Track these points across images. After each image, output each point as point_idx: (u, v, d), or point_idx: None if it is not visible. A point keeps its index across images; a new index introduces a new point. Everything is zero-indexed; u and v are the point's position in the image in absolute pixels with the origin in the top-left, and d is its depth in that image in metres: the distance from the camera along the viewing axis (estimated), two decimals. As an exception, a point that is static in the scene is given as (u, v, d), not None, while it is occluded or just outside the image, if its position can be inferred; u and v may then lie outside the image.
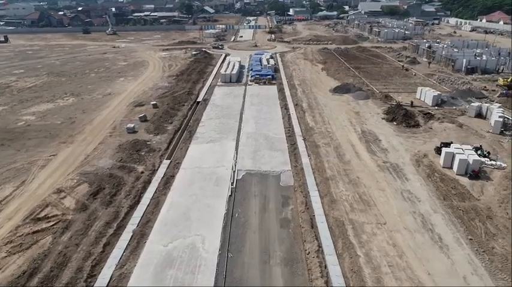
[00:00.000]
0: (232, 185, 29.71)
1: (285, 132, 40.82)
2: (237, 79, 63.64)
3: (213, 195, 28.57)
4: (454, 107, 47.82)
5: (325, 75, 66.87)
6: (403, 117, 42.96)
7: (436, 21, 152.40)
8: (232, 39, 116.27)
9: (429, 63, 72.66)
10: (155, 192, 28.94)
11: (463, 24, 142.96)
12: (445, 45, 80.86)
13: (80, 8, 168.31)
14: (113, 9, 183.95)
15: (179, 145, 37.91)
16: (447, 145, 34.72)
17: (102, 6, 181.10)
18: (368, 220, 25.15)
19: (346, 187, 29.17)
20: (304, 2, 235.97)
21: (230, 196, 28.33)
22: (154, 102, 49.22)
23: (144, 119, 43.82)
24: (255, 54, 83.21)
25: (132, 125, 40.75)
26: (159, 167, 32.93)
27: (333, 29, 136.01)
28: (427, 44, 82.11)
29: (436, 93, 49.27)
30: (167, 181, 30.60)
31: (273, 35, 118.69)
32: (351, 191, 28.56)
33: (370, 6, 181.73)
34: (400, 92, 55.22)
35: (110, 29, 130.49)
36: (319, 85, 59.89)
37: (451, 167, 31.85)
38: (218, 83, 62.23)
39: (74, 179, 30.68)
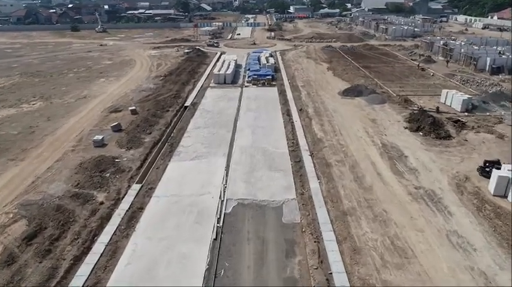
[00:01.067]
0: (218, 223, 22.22)
1: (287, 146, 33.36)
2: (232, 80, 56.17)
3: (191, 238, 21.08)
4: (488, 114, 40.35)
5: (331, 76, 59.39)
6: (430, 126, 35.46)
7: (444, 19, 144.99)
8: (229, 36, 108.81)
9: (447, 62, 65.20)
10: (114, 233, 21.44)
11: (473, 21, 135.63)
12: (462, 43, 73.37)
13: (70, 5, 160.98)
14: (106, 6, 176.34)
15: (156, 163, 30.43)
16: (493, 163, 27.31)
17: (94, 4, 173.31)
18: (409, 282, 17.68)
19: (371, 227, 21.67)
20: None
21: (215, 239, 20.86)
22: (134, 107, 41.70)
23: (117, 129, 36.32)
24: (253, 52, 75.76)
25: (100, 137, 33.24)
26: (125, 194, 25.43)
27: (336, 27, 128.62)
28: (442, 42, 74.63)
29: (466, 97, 41.78)
30: (133, 216, 23.10)
31: (272, 33, 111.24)
32: (379, 234, 21.06)
33: (373, 3, 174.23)
34: (420, 95, 47.75)
35: (99, 27, 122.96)
36: (326, 87, 52.41)
37: (505, 196, 24.41)
38: (211, 85, 54.75)
39: (10, 212, 23.20)
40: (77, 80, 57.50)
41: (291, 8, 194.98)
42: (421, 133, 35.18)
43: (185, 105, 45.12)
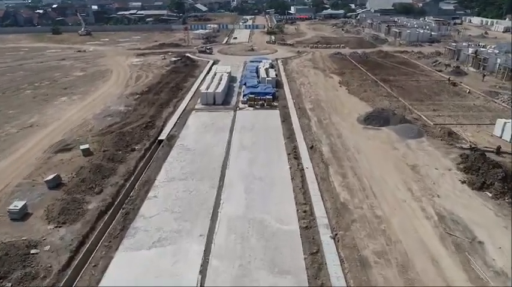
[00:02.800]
0: None
1: (297, 217, 22.59)
2: (223, 99, 45.35)
3: None
4: None
5: (345, 93, 48.56)
6: (502, 183, 24.71)
7: (458, 21, 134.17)
8: (225, 41, 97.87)
9: (483, 75, 54.41)
10: None
11: (489, 24, 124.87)
12: (496, 51, 62.64)
13: (54, 5, 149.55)
14: (95, 6, 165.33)
15: (94, 256, 19.61)
16: None
17: (81, 4, 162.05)
18: None
19: None
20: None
21: None
22: (87, 146, 30.81)
23: (54, 184, 25.53)
24: (251, 61, 64.86)
25: (19, 206, 22.36)
26: None
27: (342, 30, 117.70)
28: (471, 49, 63.87)
29: (536, 132, 31.09)
30: None
31: (273, 37, 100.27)
32: None
33: (380, 4, 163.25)
34: (463, 124, 37.01)
35: (82, 29, 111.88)
36: (341, 110, 41.61)
37: None
38: (197, 106, 43.91)
39: None
40: (32, 100, 46.57)
41: (292, 8, 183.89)
42: (489, 193, 24.42)
43: (159, 139, 34.26)
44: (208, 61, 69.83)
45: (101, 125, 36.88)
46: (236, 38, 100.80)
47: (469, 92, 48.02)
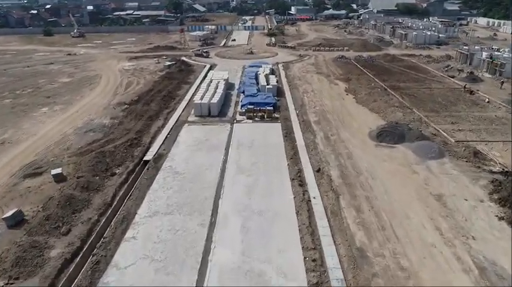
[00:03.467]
0: None
1: (304, 268, 18.46)
2: (219, 110, 41.23)
3: None
4: None
5: (353, 102, 44.45)
6: (549, 221, 20.61)
7: (464, 22, 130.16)
8: (223, 43, 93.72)
9: (502, 82, 50.32)
10: None
11: (496, 25, 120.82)
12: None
13: (48, 6, 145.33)
14: (91, 7, 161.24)
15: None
16: None
17: (75, 4, 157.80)
18: None
19: None
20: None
21: None
22: (59, 170, 26.67)
23: (14, 222, 21.42)
24: (250, 66, 60.73)
25: (-37, 254, 18.27)
26: None
27: (345, 31, 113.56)
28: (485, 53, 59.74)
29: None
30: None
31: (273, 39, 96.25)
32: None
33: (383, 4, 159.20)
34: (489, 141, 32.89)
35: (75, 31, 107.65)
36: (350, 123, 37.48)
37: None
38: (190, 118, 39.78)
39: None
40: (10, 111, 42.42)
41: (293, 8, 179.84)
42: (535, 235, 20.31)
43: (145, 159, 30.13)
44: (205, 65, 65.74)
45: (81, 142, 32.74)
46: (235, 40, 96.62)
47: (488, 102, 43.91)
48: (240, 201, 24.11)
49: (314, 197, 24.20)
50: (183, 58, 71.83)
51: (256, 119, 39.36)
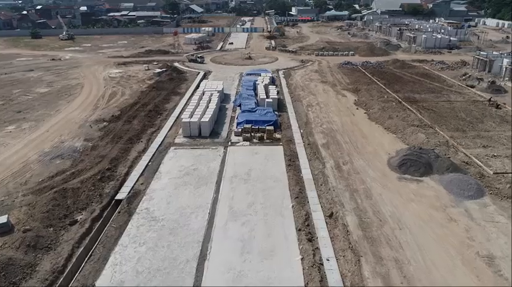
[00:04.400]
0: None
1: None
2: (211, 129, 35.69)
3: None
4: None
5: (365, 119, 38.94)
6: None
7: (472, 23, 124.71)
8: (219, 46, 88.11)
9: (531, 94, 44.92)
10: None
11: (506, 26, 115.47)
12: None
13: (38, 6, 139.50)
14: (85, 7, 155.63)
15: None
16: None
17: (68, 5, 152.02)
18: None
19: None
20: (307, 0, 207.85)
21: None
22: (4, 220, 21.03)
23: None
24: (248, 74, 55.12)
25: None
26: None
27: (348, 33, 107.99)
28: (506, 60, 54.21)
29: None
30: None
31: (273, 42, 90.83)
32: None
33: (387, 4, 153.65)
34: (534, 171, 27.35)
35: (64, 33, 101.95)
36: (364, 146, 31.94)
37: None
38: (177, 139, 34.22)
39: None
40: (-31, 129, 36.88)
41: (293, 9, 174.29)
42: None
43: (117, 198, 24.55)
44: (199, 72, 60.25)
45: (43, 174, 27.16)
46: (232, 43, 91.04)
47: (519, 118, 38.43)
48: (231, 265, 18.54)
49: (328, 260, 18.69)
50: (176, 64, 66.35)
51: (255, 140, 33.81)
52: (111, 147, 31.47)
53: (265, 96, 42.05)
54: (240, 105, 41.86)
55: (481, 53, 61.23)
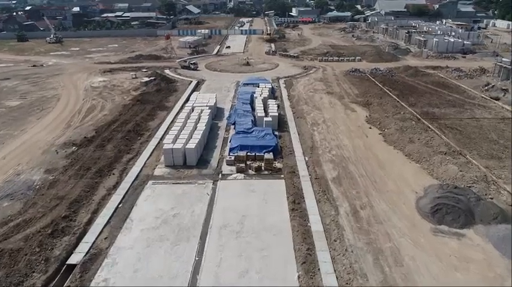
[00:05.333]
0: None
1: None
2: (199, 157, 29.94)
3: None
4: None
5: (380, 141, 33.18)
6: None
7: (482, 25, 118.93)
8: (216, 50, 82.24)
9: None
10: None
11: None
12: None
13: (27, 7, 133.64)
14: (77, 8, 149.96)
15: None
16: None
17: (59, 6, 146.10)
18: None
19: None
20: (308, 0, 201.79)
21: None
22: None
23: None
24: (245, 84, 49.26)
25: None
26: None
27: (353, 36, 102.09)
28: (533, 68, 48.55)
29: None
30: None
31: (272, 45, 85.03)
32: None
33: (390, 5, 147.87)
34: None
35: (52, 36, 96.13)
36: (384, 181, 26.16)
37: None
38: (157, 170, 28.45)
39: None
40: None
41: (294, 10, 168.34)
42: None
43: (69, 262, 18.78)
44: (191, 81, 54.53)
45: (-19, 224, 21.41)
46: (229, 47, 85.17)
47: (561, 141, 32.67)
48: None
49: None
50: (167, 71, 60.66)
51: (250, 171, 28.06)
52: (75, 183, 25.71)
53: (263, 114, 36.29)
54: (234, 124, 36.17)
55: (503, 59, 55.42)
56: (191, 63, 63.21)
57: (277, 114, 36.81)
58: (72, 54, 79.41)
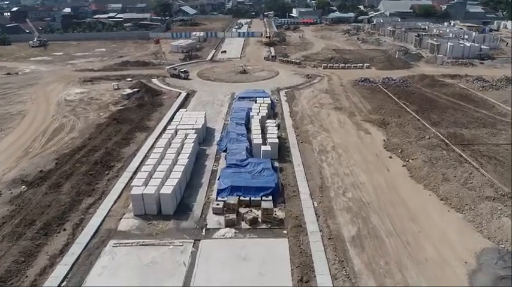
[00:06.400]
0: None
1: None
2: (179, 202, 23.53)
3: None
4: None
5: (405, 177, 26.77)
6: None
7: (494, 26, 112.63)
8: (210, 55, 75.72)
9: None
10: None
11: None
12: None
13: (14, 8, 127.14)
14: (68, 9, 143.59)
15: None
16: None
17: (47, 6, 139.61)
18: None
19: None
20: (309, 0, 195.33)
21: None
22: None
23: None
24: (241, 98, 42.65)
25: None
26: None
27: (357, 38, 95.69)
28: None
29: None
30: None
31: (272, 50, 78.60)
32: None
33: (395, 5, 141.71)
34: None
35: (35, 39, 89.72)
36: (419, 244, 19.72)
37: None
38: (123, 221, 22.00)
39: None
40: None
41: (294, 11, 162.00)
42: None
43: None
44: (180, 93, 48.20)
45: None
46: (225, 51, 78.71)
47: None
48: None
49: None
50: (154, 81, 54.40)
51: (244, 224, 21.63)
52: (8, 248, 19.25)
53: (260, 141, 29.84)
54: (225, 151, 29.79)
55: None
56: (181, 72, 56.71)
57: (277, 141, 30.28)
58: (53, 60, 72.99)
